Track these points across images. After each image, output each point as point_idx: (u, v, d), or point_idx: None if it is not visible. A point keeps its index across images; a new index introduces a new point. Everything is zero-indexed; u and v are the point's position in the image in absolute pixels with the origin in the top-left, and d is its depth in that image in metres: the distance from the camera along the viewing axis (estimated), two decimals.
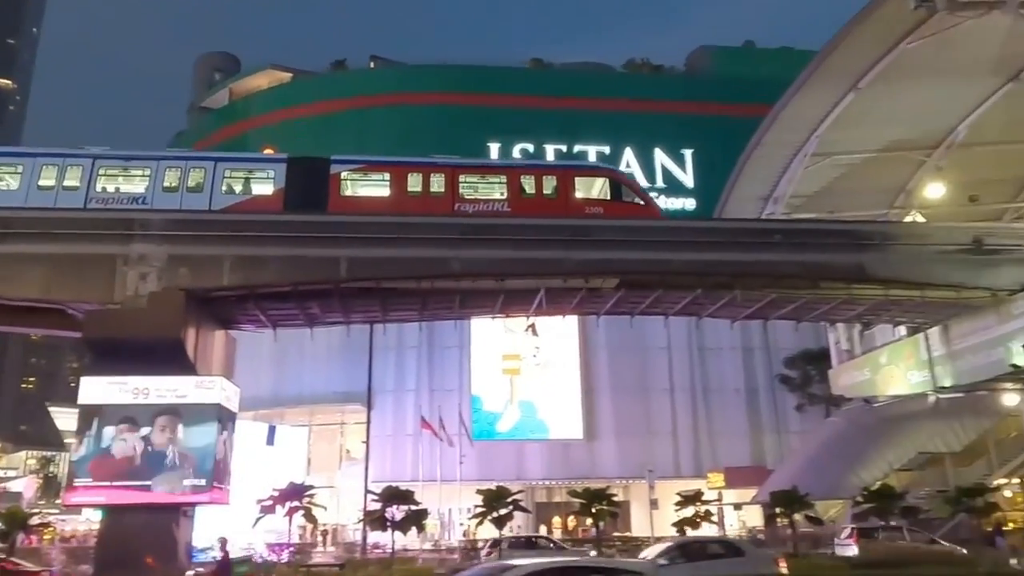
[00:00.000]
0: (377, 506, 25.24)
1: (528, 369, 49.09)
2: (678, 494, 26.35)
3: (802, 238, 22.86)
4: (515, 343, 46.98)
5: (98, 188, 21.66)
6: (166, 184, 21.86)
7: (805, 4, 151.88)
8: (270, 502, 25.11)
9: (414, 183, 22.96)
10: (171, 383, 20.60)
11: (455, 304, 23.87)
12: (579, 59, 72.98)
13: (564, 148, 58.90)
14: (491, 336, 47.28)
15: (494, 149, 57.03)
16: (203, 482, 20.22)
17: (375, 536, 29.27)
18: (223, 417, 21.23)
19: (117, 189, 22.08)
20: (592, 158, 55.92)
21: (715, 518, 34.14)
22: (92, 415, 20.20)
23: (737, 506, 42.07)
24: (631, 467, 44.83)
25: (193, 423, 20.43)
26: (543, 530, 43.55)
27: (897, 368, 28.76)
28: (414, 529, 25.10)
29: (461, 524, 40.94)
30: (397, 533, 24.54)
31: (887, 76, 26.87)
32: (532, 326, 26.56)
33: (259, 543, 28.58)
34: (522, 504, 25.85)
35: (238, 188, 22.62)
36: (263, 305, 22.78)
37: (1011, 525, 33.48)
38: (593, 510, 24.96)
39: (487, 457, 46.23)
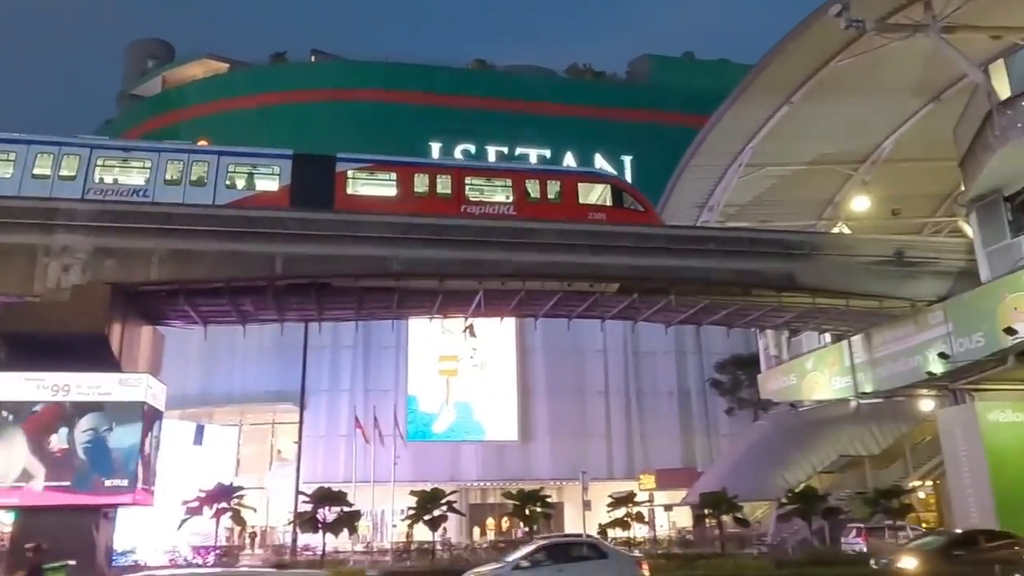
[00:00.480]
0: (308, 508, 24.84)
1: (465, 370, 49.05)
2: (610, 496, 26.71)
3: (735, 246, 23.46)
4: (452, 344, 46.81)
5: (96, 179, 20.96)
6: (168, 177, 21.31)
7: (744, 19, 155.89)
8: (197, 504, 24.45)
9: (420, 184, 23.06)
10: (93, 380, 19.80)
11: (393, 304, 23.65)
12: (522, 62, 73.28)
13: (506, 150, 59.12)
14: (429, 336, 47.03)
15: (435, 148, 56.86)
16: (126, 483, 19.50)
17: (305, 538, 28.79)
18: (148, 416, 20.54)
19: (115, 180, 21.36)
20: (533, 160, 56.30)
21: (646, 519, 34.79)
22: (6, 412, 19.29)
23: (668, 507, 42.89)
24: (565, 469, 45.20)
25: (117, 422, 19.69)
26: (476, 533, 43.56)
27: (822, 374, 29.78)
28: (346, 531, 24.79)
29: (394, 526, 40.59)
30: (329, 535, 24.19)
31: (819, 92, 27.82)
32: (470, 327, 26.54)
33: (184, 546, 27.77)
34: (456, 506, 25.80)
35: (242, 183, 22.13)
36: (194, 301, 22.12)
37: (924, 526, 35.12)
38: (527, 512, 25.09)
39: (422, 458, 45.96)
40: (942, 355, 23.75)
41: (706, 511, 26.71)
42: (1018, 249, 22.67)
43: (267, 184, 22.26)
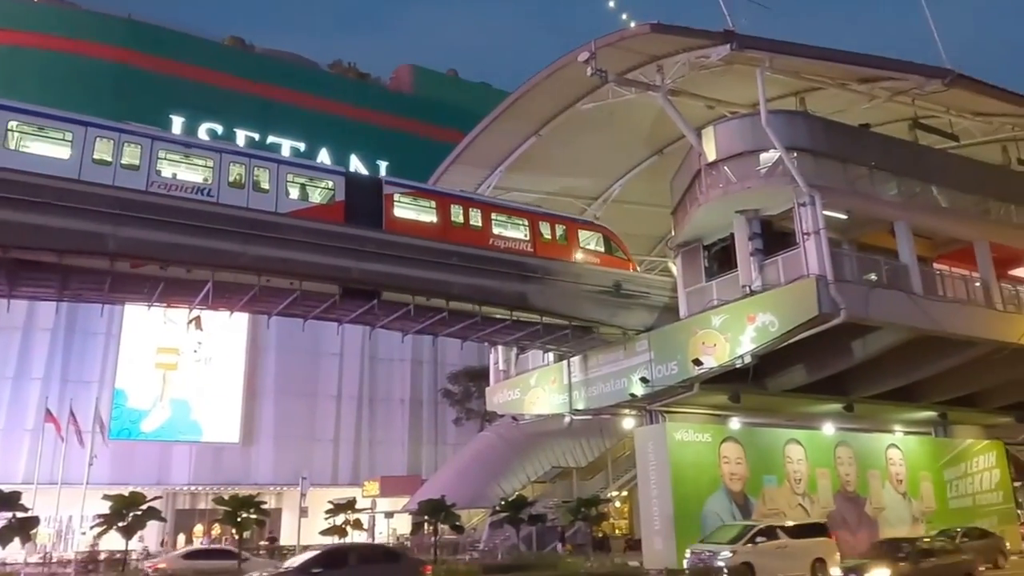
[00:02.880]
0: None
1: (186, 365, 45.55)
2: (330, 502, 26.20)
3: (476, 263, 24.25)
4: (175, 335, 43.19)
5: (158, 171, 20.12)
6: (231, 179, 21.07)
7: (507, 47, 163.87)
8: None
9: (457, 214, 24.68)
10: None
11: (105, 286, 21.19)
12: (284, 48, 70.30)
13: (257, 136, 56.17)
14: (147, 325, 42.84)
15: (177, 123, 52.32)
16: None
17: None
18: None
19: (174, 175, 20.60)
20: (286, 152, 54.00)
21: (366, 526, 34.63)
22: None
23: (389, 514, 43.13)
24: (287, 473, 43.68)
25: None
26: (181, 539, 40.37)
27: (543, 390, 31.83)
28: (18, 540, 21.61)
29: (83, 533, 36.25)
30: None
31: (564, 128, 29.97)
32: (196, 319, 24.60)
33: None
34: (159, 511, 23.67)
35: (301, 194, 22.48)
36: None
37: (618, 532, 38.95)
38: (239, 518, 23.74)
39: (125, 458, 41.86)
40: (643, 379, 26.60)
41: (425, 518, 27.21)
42: (710, 292, 26.14)
43: (324, 198, 22.80)
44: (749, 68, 24.32)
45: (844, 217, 24.06)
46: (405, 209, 24.11)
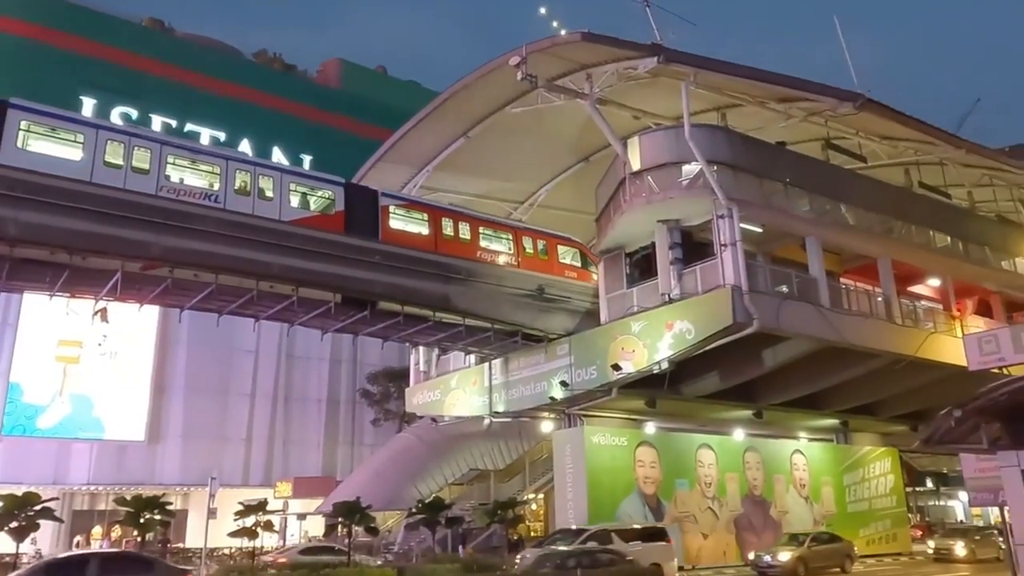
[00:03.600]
0: None
1: (90, 359, 43.37)
2: (240, 503, 25.39)
3: (398, 262, 24.03)
4: (78, 327, 41.09)
5: (166, 175, 20.46)
6: (237, 186, 21.46)
7: (438, 47, 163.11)
8: None
9: (447, 226, 25.64)
10: None
11: (2, 273, 20.00)
12: (206, 34, 68.00)
13: (174, 123, 54.05)
14: (47, 315, 40.52)
15: (88, 105, 49.83)
16: None
17: None
18: None
19: (181, 180, 20.87)
20: (205, 140, 52.19)
21: (277, 528, 33.74)
22: None
23: (302, 516, 42.18)
24: (196, 474, 42.12)
25: None
26: (78, 542, 38.38)
27: (463, 392, 31.79)
28: None
29: None
30: None
31: (493, 131, 30.06)
32: (103, 311, 23.46)
33: None
34: (53, 511, 22.41)
35: (303, 203, 22.96)
36: None
37: (533, 534, 39.16)
38: (142, 519, 22.73)
39: (18, 456, 39.68)
40: (563, 383, 26.92)
41: (339, 520, 26.69)
42: (631, 298, 26.67)
43: (325, 207, 23.36)
44: (675, 82, 24.97)
45: (759, 230, 24.96)
46: (400, 221, 24.98)
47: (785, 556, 25.04)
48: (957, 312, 30.14)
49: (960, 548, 29.26)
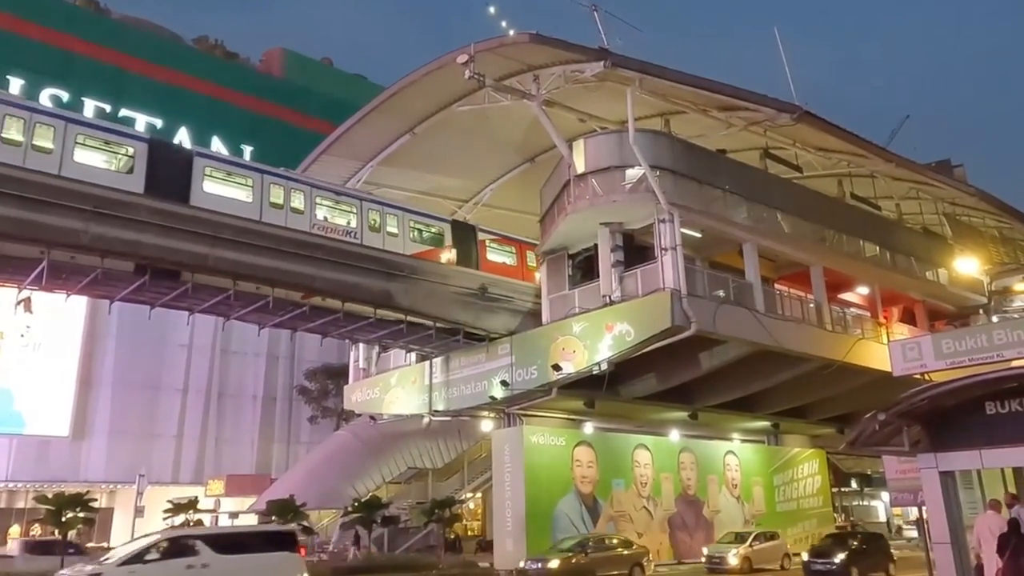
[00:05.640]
0: None
1: (11, 350, 41.56)
2: (169, 501, 24.70)
3: (339, 257, 23.72)
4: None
5: (318, 216, 23.85)
6: (369, 223, 25.11)
7: (385, 41, 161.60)
8: None
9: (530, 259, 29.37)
10: None
11: None
12: (144, 16, 65.86)
13: (108, 108, 52.15)
14: None
15: (16, 85, 47.73)
16: None
17: None
18: None
19: (326, 218, 24.14)
20: (141, 127, 50.48)
21: (208, 526, 32.88)
22: None
23: (234, 514, 41.22)
24: (123, 470, 40.84)
25: None
26: None
27: (403, 390, 31.52)
28: None
29: None
30: None
31: (439, 128, 29.90)
32: (26, 301, 22.54)
33: None
34: None
35: (419, 237, 26.74)
36: None
37: (470, 533, 39.17)
38: (63, 518, 21.92)
39: None
40: (503, 383, 26.95)
41: (272, 518, 26.21)
42: (572, 299, 26.86)
43: (437, 240, 27.13)
44: (620, 87, 25.27)
45: (699, 236, 25.44)
46: (494, 254, 28.67)
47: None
48: (884, 319, 31.33)
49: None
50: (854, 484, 50.00)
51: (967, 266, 32.24)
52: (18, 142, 18.93)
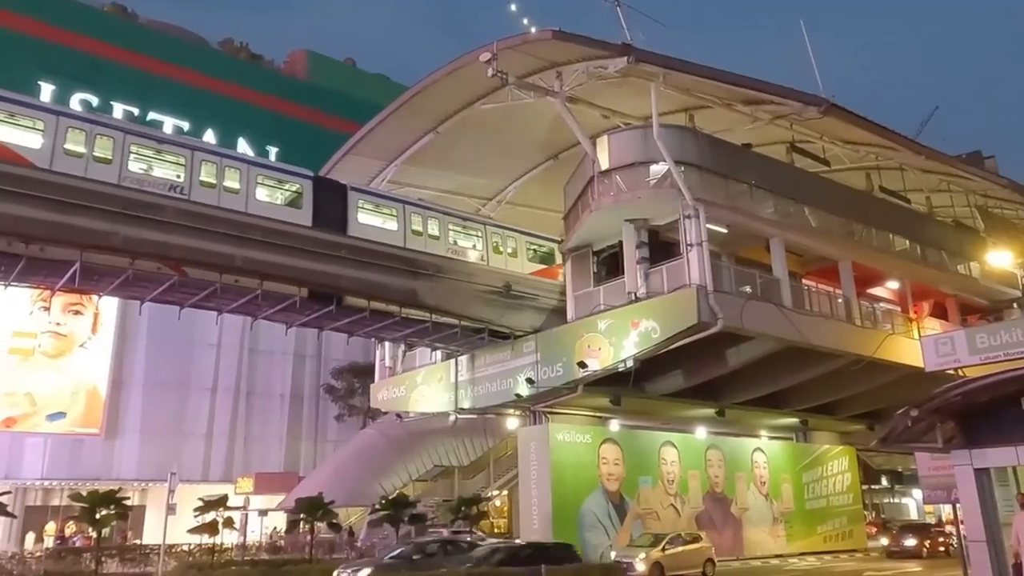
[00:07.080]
0: None
1: (45, 351, 42.29)
2: (200, 499, 25.01)
3: (365, 257, 23.85)
4: (31, 319, 40.13)
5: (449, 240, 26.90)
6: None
7: (407, 41, 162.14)
8: None
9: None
10: None
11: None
12: (171, 20, 66.63)
13: (136, 111, 52.84)
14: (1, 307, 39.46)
15: (47, 91, 48.54)
16: None
17: None
18: None
19: (455, 241, 26.90)
20: (168, 130, 51.10)
21: (237, 524, 33.26)
22: None
23: (263, 512, 41.63)
24: (154, 469, 41.32)
25: None
26: (31, 538, 37.48)
27: (429, 388, 31.66)
28: None
29: None
30: None
31: (462, 127, 29.92)
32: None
33: None
34: (6, 506, 21.87)
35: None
36: None
37: (497, 531, 39.22)
38: (97, 515, 22.28)
39: None
40: (529, 380, 26.95)
41: (301, 516, 26.44)
42: (598, 296, 26.80)
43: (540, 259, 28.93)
44: (644, 82, 25.11)
45: (725, 231, 25.24)
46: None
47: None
48: (914, 314, 30.85)
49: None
50: (884, 481, 49.38)
51: (1000, 259, 31.59)
52: (212, 184, 21.19)
